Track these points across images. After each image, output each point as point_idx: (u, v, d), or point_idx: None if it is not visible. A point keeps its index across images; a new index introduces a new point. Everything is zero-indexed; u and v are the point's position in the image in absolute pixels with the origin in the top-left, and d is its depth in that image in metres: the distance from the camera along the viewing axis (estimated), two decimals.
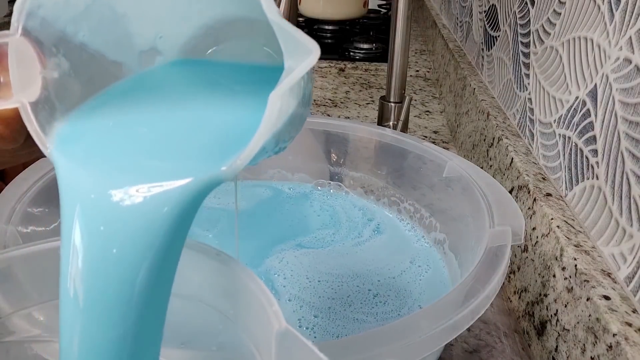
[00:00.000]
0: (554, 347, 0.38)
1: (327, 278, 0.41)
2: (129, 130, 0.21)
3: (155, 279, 0.18)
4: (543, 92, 0.50)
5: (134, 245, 0.17)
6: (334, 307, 0.38)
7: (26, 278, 0.23)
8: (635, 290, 0.33)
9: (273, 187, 0.52)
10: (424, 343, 0.25)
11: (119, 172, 0.19)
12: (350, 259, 0.43)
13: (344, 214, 0.49)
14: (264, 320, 0.18)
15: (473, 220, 0.38)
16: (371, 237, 0.46)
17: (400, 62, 0.60)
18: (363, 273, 0.42)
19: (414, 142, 0.46)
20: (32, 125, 0.20)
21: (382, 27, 1.31)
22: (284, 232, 0.46)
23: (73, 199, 0.18)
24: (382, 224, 0.48)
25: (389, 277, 0.41)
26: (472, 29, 0.82)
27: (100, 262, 0.17)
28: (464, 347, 0.41)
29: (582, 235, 0.39)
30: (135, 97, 0.23)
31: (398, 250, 0.44)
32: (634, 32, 0.36)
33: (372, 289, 0.40)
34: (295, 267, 0.42)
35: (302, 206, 0.50)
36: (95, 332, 0.18)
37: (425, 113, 0.88)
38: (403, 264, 0.43)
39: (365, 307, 0.38)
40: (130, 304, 0.17)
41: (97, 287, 0.17)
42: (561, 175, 0.45)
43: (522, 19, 0.58)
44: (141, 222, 0.17)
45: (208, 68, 0.26)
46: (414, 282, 0.41)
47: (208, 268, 0.22)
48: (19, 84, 0.20)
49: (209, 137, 0.21)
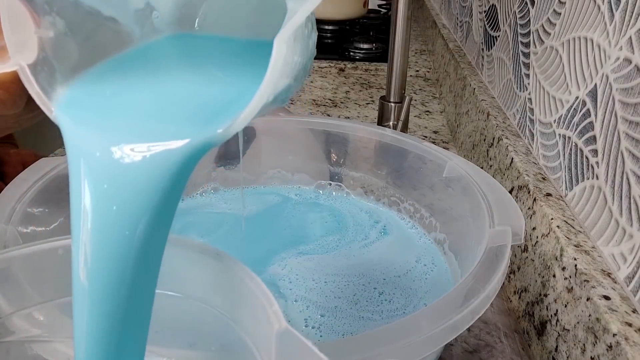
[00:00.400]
0: (554, 347, 0.38)
1: (333, 279, 0.41)
2: (129, 96, 0.22)
3: (152, 234, 0.19)
4: (543, 92, 0.50)
5: (134, 200, 0.18)
6: (340, 306, 0.38)
7: (26, 278, 0.23)
8: (635, 290, 0.33)
9: (279, 193, 0.53)
10: (424, 343, 0.25)
11: (121, 132, 0.19)
12: (356, 260, 0.43)
13: (350, 218, 0.49)
14: (264, 320, 0.18)
15: (473, 220, 0.38)
16: (377, 239, 0.46)
17: (400, 62, 0.60)
18: (368, 273, 0.42)
19: (414, 142, 0.46)
20: (32, 87, 0.20)
21: (382, 27, 1.31)
22: (289, 238, 0.46)
23: (78, 156, 0.19)
24: (388, 225, 0.48)
25: (394, 275, 0.42)
26: (472, 29, 0.82)
27: (104, 216, 0.18)
28: (464, 347, 0.41)
29: (582, 235, 0.39)
30: (134, 67, 0.24)
31: (403, 250, 0.45)
32: (634, 32, 0.36)
33: (378, 287, 0.40)
34: (300, 271, 0.42)
35: (309, 212, 0.50)
36: (101, 291, 0.18)
37: (425, 113, 0.88)
38: (409, 264, 0.43)
39: (371, 306, 0.39)
40: (129, 257, 0.19)
41: (102, 242, 0.18)
42: (561, 175, 0.45)
43: (522, 19, 0.58)
44: (141, 179, 0.18)
45: (201, 42, 0.27)
46: (420, 280, 0.41)
47: (208, 268, 0.22)
48: (15, 46, 0.20)
49: (207, 102, 0.21)
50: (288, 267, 0.42)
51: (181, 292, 0.24)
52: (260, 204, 0.51)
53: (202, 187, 0.51)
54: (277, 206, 0.51)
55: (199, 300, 0.23)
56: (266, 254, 0.44)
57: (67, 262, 0.21)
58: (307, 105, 0.90)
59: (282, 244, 0.45)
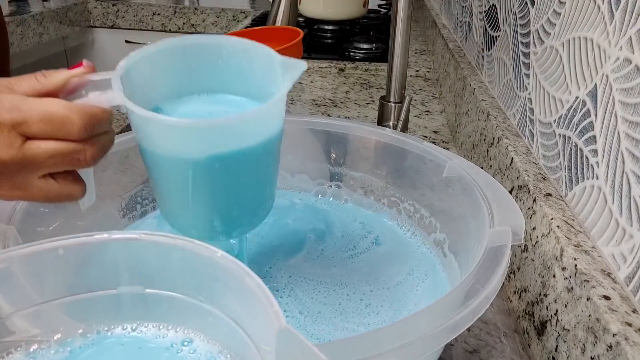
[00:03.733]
0: (554, 347, 0.38)
1: (321, 286, 0.41)
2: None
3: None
4: (543, 92, 0.50)
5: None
6: (323, 312, 0.38)
7: (26, 278, 0.23)
8: (635, 290, 0.33)
9: (278, 195, 0.52)
10: (424, 343, 0.25)
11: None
12: (342, 269, 0.43)
13: (341, 227, 0.48)
14: (265, 320, 0.18)
15: (473, 220, 0.38)
16: (368, 249, 0.45)
17: (400, 62, 0.60)
18: (353, 283, 0.41)
19: (414, 142, 0.46)
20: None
21: (382, 27, 1.31)
22: (284, 244, 0.46)
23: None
24: (381, 235, 0.47)
25: (383, 288, 0.41)
26: (472, 29, 0.82)
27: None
28: (464, 347, 0.41)
29: (582, 235, 0.39)
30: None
31: (396, 261, 0.44)
32: (634, 32, 0.36)
33: (365, 299, 0.39)
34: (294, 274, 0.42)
35: (307, 218, 0.50)
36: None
37: (425, 113, 0.88)
38: (399, 275, 0.42)
39: (357, 317, 0.38)
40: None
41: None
42: (561, 175, 0.45)
43: (522, 19, 0.58)
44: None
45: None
46: (410, 292, 0.40)
47: (209, 268, 0.22)
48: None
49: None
50: (276, 269, 0.42)
51: (182, 291, 0.24)
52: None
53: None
54: (276, 209, 0.50)
55: (200, 300, 0.23)
56: (256, 258, 0.43)
57: (67, 262, 0.21)
58: (307, 105, 0.90)
59: (274, 249, 0.45)
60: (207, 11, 1.85)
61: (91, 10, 1.89)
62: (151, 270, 0.24)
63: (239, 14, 1.85)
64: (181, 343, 0.24)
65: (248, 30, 0.56)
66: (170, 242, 0.22)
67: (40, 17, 1.58)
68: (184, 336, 0.24)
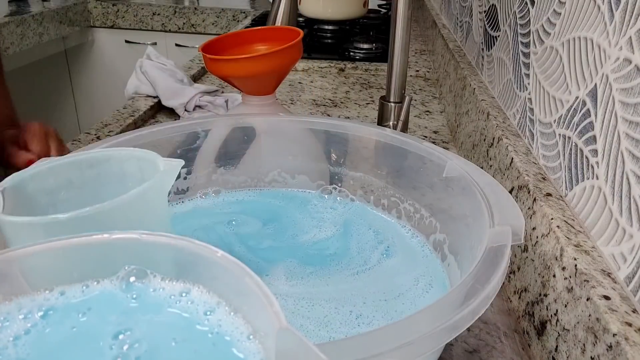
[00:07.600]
0: (554, 347, 0.38)
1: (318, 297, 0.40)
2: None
3: None
4: (543, 92, 0.50)
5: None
6: (306, 326, 0.37)
7: (26, 277, 0.23)
8: (635, 290, 0.33)
9: (278, 196, 0.52)
10: (424, 343, 0.25)
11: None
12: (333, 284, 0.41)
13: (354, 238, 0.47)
14: (265, 319, 0.18)
15: (473, 220, 0.38)
16: (380, 262, 0.44)
17: (400, 62, 0.60)
18: (346, 297, 0.40)
19: (414, 142, 0.46)
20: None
21: (382, 27, 1.31)
22: (283, 246, 0.45)
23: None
24: (392, 246, 0.46)
25: (380, 299, 0.39)
26: (472, 29, 0.82)
27: None
28: (464, 347, 0.41)
29: (582, 235, 0.39)
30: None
31: (401, 274, 0.42)
32: (634, 32, 0.36)
33: (354, 310, 0.38)
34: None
35: (304, 220, 0.49)
36: None
37: (425, 113, 0.88)
38: (403, 286, 0.41)
39: (345, 328, 0.36)
40: None
41: None
42: (561, 175, 0.45)
43: (522, 19, 0.58)
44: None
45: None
46: (409, 302, 0.39)
47: (209, 268, 0.22)
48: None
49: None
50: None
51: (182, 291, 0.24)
52: (260, 207, 0.51)
53: (203, 189, 0.51)
54: (275, 211, 0.50)
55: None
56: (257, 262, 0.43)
57: (67, 262, 0.21)
58: (307, 105, 0.90)
59: (285, 252, 0.45)
60: (207, 11, 1.86)
61: (91, 10, 1.89)
62: (151, 270, 0.24)
63: (239, 14, 1.85)
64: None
65: (248, 30, 0.56)
66: (170, 242, 0.22)
67: (40, 17, 1.58)
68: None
